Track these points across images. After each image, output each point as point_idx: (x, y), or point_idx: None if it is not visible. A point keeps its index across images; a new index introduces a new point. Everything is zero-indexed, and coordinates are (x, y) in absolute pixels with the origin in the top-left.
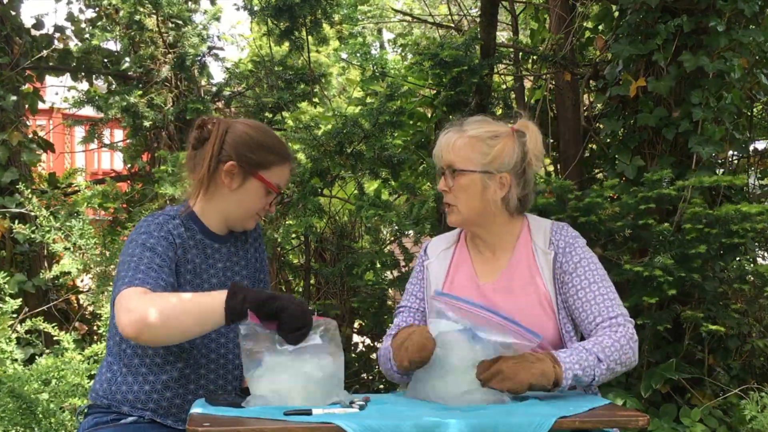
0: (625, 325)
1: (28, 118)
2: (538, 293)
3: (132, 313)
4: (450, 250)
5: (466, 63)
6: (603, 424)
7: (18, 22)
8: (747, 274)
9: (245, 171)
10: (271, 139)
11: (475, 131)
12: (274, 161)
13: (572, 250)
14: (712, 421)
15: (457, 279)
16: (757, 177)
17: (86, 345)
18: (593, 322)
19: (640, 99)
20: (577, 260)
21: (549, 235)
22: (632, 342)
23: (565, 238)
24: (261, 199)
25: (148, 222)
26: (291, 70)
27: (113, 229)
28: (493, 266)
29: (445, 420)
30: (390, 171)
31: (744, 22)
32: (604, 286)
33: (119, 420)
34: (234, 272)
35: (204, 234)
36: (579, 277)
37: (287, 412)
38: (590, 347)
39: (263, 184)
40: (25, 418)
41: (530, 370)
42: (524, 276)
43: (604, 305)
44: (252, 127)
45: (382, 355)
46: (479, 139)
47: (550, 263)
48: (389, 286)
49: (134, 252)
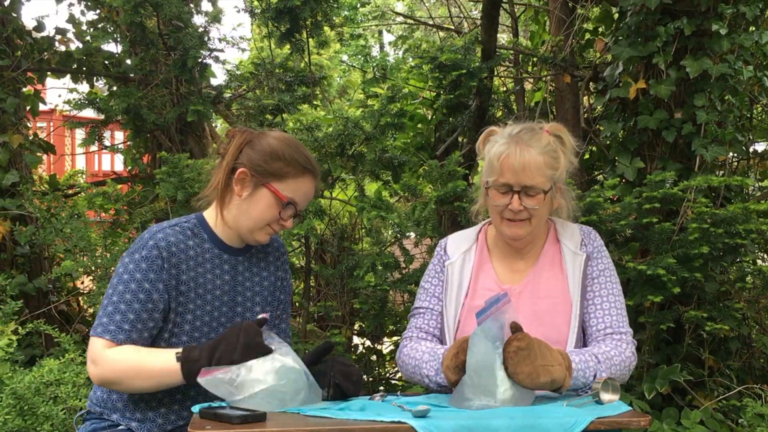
0: (629, 344)
1: (29, 120)
2: (562, 298)
3: (96, 368)
4: (472, 252)
5: (465, 66)
6: (604, 425)
7: (19, 24)
8: (747, 275)
9: (256, 179)
10: (292, 151)
11: (540, 147)
12: (289, 173)
13: (600, 256)
14: (714, 423)
15: (480, 283)
16: (756, 178)
17: (87, 347)
18: (603, 331)
19: (640, 101)
20: (602, 268)
21: (580, 237)
22: (632, 363)
23: (595, 243)
24: (271, 210)
25: (144, 242)
26: (292, 72)
27: (114, 231)
28: (518, 269)
29: (492, 421)
30: (391, 173)
31: (744, 24)
32: (619, 300)
33: (117, 426)
34: (245, 287)
35: (213, 243)
36: (600, 284)
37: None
38: (602, 359)
39: (274, 195)
40: (25, 420)
41: (547, 374)
42: (550, 279)
43: (616, 318)
44: (277, 139)
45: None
46: (547, 155)
47: (580, 265)
48: (390, 288)
49: (115, 283)
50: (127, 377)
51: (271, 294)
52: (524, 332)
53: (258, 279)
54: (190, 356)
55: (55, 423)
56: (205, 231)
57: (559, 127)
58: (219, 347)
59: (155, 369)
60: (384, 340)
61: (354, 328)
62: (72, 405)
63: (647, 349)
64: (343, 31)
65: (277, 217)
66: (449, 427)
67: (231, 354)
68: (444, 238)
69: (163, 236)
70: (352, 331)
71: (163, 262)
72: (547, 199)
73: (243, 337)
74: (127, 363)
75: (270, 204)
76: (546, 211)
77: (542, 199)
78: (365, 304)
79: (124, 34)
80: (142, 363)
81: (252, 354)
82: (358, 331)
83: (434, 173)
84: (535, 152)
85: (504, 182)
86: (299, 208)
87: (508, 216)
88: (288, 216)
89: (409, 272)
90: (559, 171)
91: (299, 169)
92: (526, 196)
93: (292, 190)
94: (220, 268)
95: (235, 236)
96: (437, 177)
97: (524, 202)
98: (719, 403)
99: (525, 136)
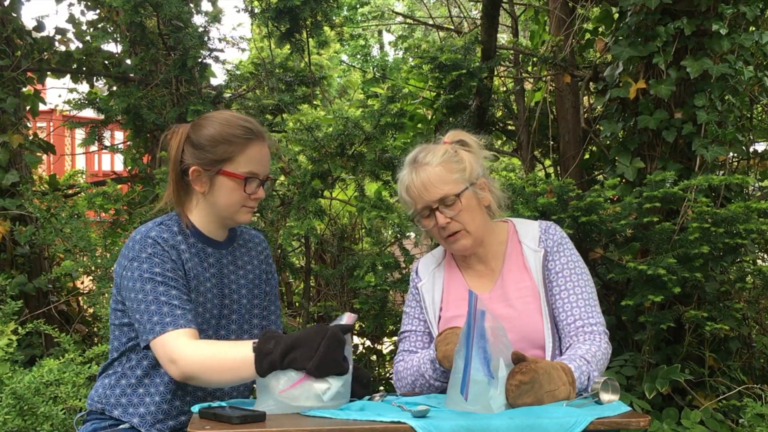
0: (602, 335)
1: (29, 120)
2: (533, 296)
3: (177, 365)
4: (441, 269)
5: (465, 66)
6: (604, 425)
7: (19, 24)
8: (747, 275)
9: (209, 171)
10: (230, 129)
11: (435, 159)
12: (234, 151)
13: (560, 250)
14: (714, 423)
15: (453, 293)
16: (756, 178)
17: (87, 347)
18: (573, 324)
19: (640, 101)
20: (565, 261)
21: (538, 233)
22: (609, 353)
23: (554, 238)
24: (236, 193)
25: (142, 242)
26: (292, 72)
27: (114, 231)
28: (486, 278)
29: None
30: (391, 173)
31: (745, 24)
32: (585, 291)
33: (117, 425)
34: (230, 280)
35: (197, 237)
36: (564, 278)
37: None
38: (590, 359)
39: (230, 178)
40: (25, 420)
41: (551, 399)
42: (517, 280)
43: (585, 310)
44: (210, 123)
45: (408, 375)
46: (446, 162)
47: (539, 262)
48: (390, 288)
49: (139, 288)
50: (207, 371)
51: (257, 287)
52: (528, 363)
53: (243, 272)
54: (264, 348)
55: (55, 423)
56: (188, 227)
57: (457, 132)
58: (296, 349)
59: (234, 360)
60: (384, 340)
61: (354, 328)
62: (72, 405)
63: (647, 348)
64: (343, 31)
65: (245, 195)
66: (449, 427)
67: (305, 362)
68: (416, 262)
69: (156, 234)
70: (352, 331)
71: (170, 255)
72: (469, 201)
73: (324, 348)
74: (206, 356)
75: (232, 188)
76: (475, 214)
77: (466, 202)
78: (365, 304)
79: (124, 34)
80: (221, 355)
81: (327, 370)
82: (358, 331)
83: None
84: (432, 166)
85: (421, 207)
86: (262, 175)
87: (444, 234)
88: (254, 189)
89: (409, 272)
90: (468, 170)
91: (242, 141)
92: (445, 208)
93: (245, 164)
94: (206, 262)
95: (216, 228)
96: None
97: (447, 215)
98: (719, 403)
99: (420, 156)
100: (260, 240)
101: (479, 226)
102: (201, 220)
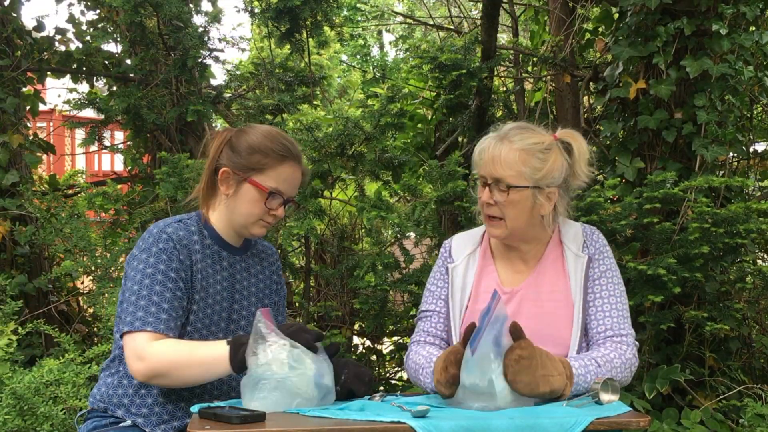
0: (631, 346)
1: (28, 120)
2: (565, 300)
3: (143, 362)
4: (476, 255)
5: (465, 66)
6: (604, 425)
7: (19, 24)
8: (747, 275)
9: (238, 176)
10: (268, 142)
11: (523, 143)
12: (268, 164)
13: (602, 257)
14: (714, 423)
15: (483, 286)
16: (756, 179)
17: (87, 347)
18: (603, 333)
19: (640, 101)
20: (604, 269)
21: (582, 238)
22: (633, 365)
23: (596, 244)
24: (257, 203)
25: (157, 235)
26: (292, 72)
27: (114, 231)
28: (519, 272)
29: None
30: (391, 173)
31: (745, 24)
32: (620, 301)
33: (118, 423)
34: (242, 286)
35: (214, 240)
36: (602, 286)
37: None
38: (602, 362)
39: (256, 188)
40: (25, 420)
41: (547, 385)
42: (552, 282)
43: (617, 320)
44: (255, 133)
45: (412, 368)
46: (529, 152)
47: (582, 267)
48: (390, 288)
49: (138, 279)
50: (177, 367)
51: (267, 296)
52: (527, 340)
53: (254, 280)
54: (239, 340)
55: (55, 423)
56: (206, 228)
57: (571, 133)
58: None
59: (205, 356)
60: (384, 340)
61: (354, 328)
62: (72, 405)
63: (647, 349)
64: (343, 31)
65: (265, 210)
66: (448, 427)
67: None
68: (449, 238)
69: (172, 230)
70: (352, 331)
71: (179, 254)
72: (522, 199)
73: (296, 329)
74: (175, 352)
75: (255, 197)
76: (522, 214)
77: (517, 198)
78: (365, 304)
79: (124, 34)
80: (190, 351)
81: (296, 337)
82: (358, 331)
83: (434, 173)
84: (514, 147)
85: (480, 174)
86: (286, 195)
87: (486, 211)
88: (275, 206)
89: (409, 272)
90: (542, 173)
91: (277, 157)
92: (497, 190)
93: (274, 180)
94: (219, 264)
95: (232, 233)
96: (437, 177)
97: (494, 196)
98: (719, 403)
99: (512, 132)
100: (273, 252)
101: (520, 226)
102: (219, 223)
